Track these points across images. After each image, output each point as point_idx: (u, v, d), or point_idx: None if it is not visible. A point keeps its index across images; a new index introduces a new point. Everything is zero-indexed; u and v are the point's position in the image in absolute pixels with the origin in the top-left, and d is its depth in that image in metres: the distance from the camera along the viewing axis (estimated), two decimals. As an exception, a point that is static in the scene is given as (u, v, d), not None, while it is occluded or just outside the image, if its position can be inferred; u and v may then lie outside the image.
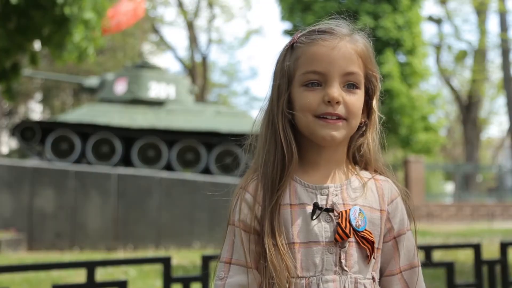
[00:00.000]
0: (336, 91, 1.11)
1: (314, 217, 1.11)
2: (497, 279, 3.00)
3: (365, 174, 1.20)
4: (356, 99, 1.14)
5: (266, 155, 1.16)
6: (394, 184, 1.21)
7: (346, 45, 1.14)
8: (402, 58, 15.63)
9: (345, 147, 1.20)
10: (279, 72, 1.18)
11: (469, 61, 26.78)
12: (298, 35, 1.18)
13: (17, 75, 6.12)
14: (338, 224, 1.10)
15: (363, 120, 1.19)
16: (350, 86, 1.14)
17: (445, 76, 27.06)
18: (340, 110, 1.11)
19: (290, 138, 1.15)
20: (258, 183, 1.16)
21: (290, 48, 1.18)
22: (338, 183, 1.16)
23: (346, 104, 1.12)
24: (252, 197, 1.15)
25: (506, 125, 29.84)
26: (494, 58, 28.29)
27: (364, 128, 1.20)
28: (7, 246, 8.62)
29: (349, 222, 1.11)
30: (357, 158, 1.22)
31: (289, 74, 1.16)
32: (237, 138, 1.34)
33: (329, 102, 1.11)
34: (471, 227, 14.51)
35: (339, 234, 1.10)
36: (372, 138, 1.21)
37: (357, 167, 1.21)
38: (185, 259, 7.25)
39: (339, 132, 1.12)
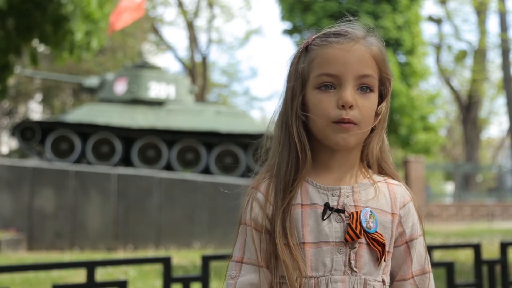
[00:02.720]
0: (350, 94, 1.10)
1: (325, 217, 1.11)
2: (497, 279, 3.00)
3: (378, 178, 1.19)
4: (370, 103, 1.13)
5: (280, 156, 1.16)
6: (406, 189, 1.21)
7: (361, 48, 1.13)
8: (401, 58, 15.65)
9: (359, 150, 1.19)
10: (293, 74, 1.17)
11: (469, 61, 26.79)
12: (313, 37, 1.18)
13: (9, 74, 6.12)
14: (349, 224, 1.10)
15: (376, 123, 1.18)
16: (364, 89, 1.13)
17: (445, 76, 27.07)
18: (353, 114, 1.10)
19: (304, 141, 1.14)
20: (270, 183, 1.16)
21: (305, 50, 1.18)
22: (350, 185, 1.16)
23: (359, 108, 1.11)
24: (263, 196, 1.16)
25: (506, 125, 29.89)
26: (494, 58, 28.27)
27: (375, 131, 1.19)
28: (7, 246, 8.62)
29: (360, 223, 1.11)
30: (370, 161, 1.21)
31: (303, 76, 1.16)
32: (237, 138, 1.34)
33: (342, 106, 1.10)
34: (471, 227, 14.51)
35: (349, 234, 1.10)
36: (381, 141, 1.20)
37: (370, 170, 1.20)
38: (185, 259, 7.25)
39: (352, 137, 1.11)
